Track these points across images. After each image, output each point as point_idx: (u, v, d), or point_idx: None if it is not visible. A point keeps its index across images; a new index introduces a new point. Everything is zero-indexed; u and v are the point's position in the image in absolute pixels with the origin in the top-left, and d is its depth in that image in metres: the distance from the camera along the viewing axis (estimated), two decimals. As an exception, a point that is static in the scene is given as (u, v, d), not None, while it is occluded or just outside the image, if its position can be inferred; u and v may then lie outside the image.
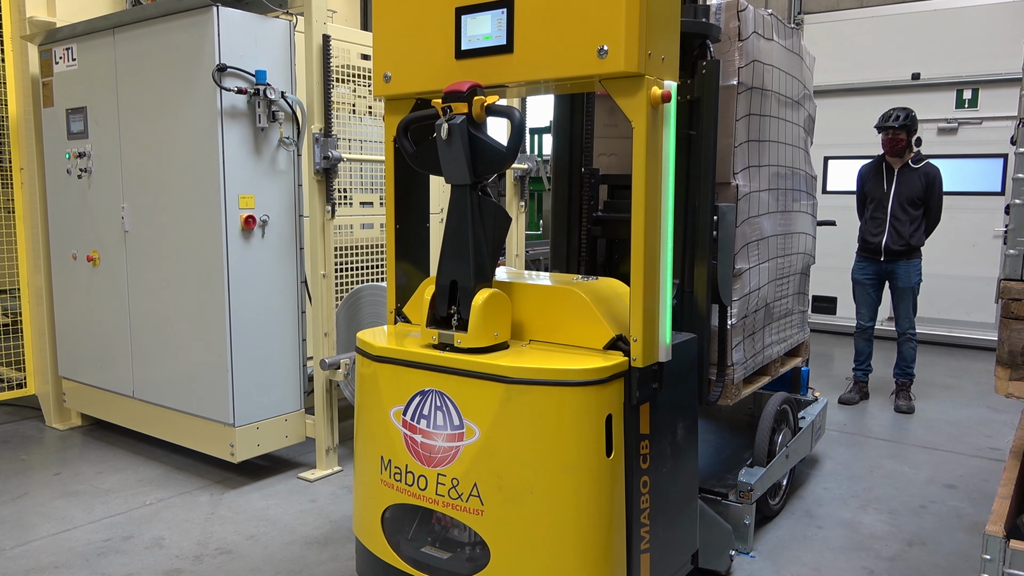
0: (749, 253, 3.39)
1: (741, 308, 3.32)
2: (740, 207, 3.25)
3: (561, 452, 2.21)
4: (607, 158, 3.54)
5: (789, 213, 3.88)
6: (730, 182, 3.22)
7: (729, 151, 3.20)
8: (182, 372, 4.18)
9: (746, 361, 3.42)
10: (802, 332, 4.23)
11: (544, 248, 8.01)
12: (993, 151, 7.42)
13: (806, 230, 4.19)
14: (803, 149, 4.10)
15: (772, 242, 3.66)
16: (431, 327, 2.43)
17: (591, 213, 3.34)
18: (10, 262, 5.07)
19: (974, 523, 3.68)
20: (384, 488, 2.46)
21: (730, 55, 3.17)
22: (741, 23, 3.17)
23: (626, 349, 2.32)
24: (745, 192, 3.30)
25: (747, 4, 3.22)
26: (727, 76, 3.15)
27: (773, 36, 3.52)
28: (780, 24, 3.61)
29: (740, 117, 3.23)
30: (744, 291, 3.33)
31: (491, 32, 2.32)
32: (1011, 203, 2.27)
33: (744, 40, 3.19)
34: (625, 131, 3.39)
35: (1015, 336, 2.25)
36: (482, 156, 2.31)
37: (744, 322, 3.37)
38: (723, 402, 3.29)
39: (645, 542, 2.44)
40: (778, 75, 3.61)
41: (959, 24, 7.53)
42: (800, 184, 4.05)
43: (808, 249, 4.25)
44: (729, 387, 3.27)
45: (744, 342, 3.40)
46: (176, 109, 3.98)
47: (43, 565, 3.24)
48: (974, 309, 7.59)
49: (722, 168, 3.14)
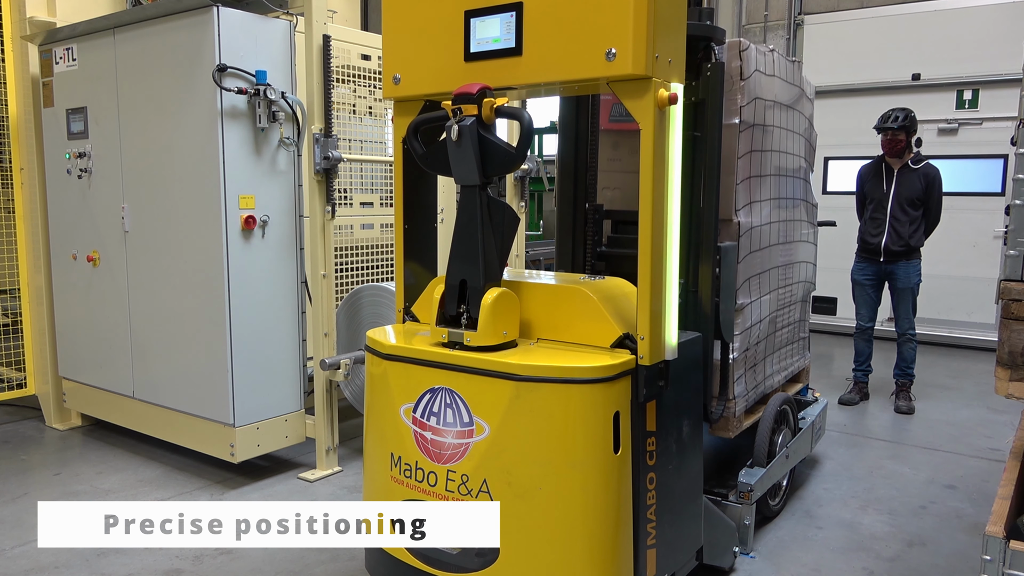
0: (751, 287, 3.40)
1: (743, 342, 3.33)
2: (742, 243, 3.26)
3: (569, 448, 2.23)
4: (611, 192, 3.53)
5: (790, 243, 3.89)
6: (732, 219, 3.23)
7: (731, 188, 3.21)
8: (182, 372, 4.18)
9: (747, 393, 3.45)
10: (803, 359, 4.25)
11: (544, 248, 8.02)
12: (993, 152, 7.44)
13: (807, 258, 4.21)
14: (803, 179, 4.12)
15: (773, 274, 3.68)
16: (441, 325, 2.45)
17: (595, 248, 3.32)
18: (10, 262, 5.06)
19: (974, 524, 3.70)
20: (394, 484, 2.48)
21: (732, 94, 3.18)
22: (743, 63, 3.19)
23: (633, 347, 2.34)
24: (747, 228, 3.32)
25: (749, 44, 3.24)
26: (729, 115, 3.16)
27: (775, 72, 3.54)
28: (781, 59, 3.63)
29: (742, 155, 3.25)
30: (746, 325, 3.35)
31: (500, 35, 2.34)
32: (1011, 204, 2.28)
33: (746, 79, 3.21)
34: (629, 165, 3.44)
35: (1015, 337, 2.26)
36: (492, 157, 2.33)
37: (746, 355, 3.39)
38: (724, 434, 3.30)
39: (651, 538, 2.46)
40: (779, 109, 3.63)
41: (959, 24, 7.55)
42: (801, 214, 4.06)
43: (809, 277, 4.27)
44: (731, 420, 3.29)
45: (746, 374, 3.42)
46: (176, 109, 3.98)
47: (43, 565, 3.24)
48: (974, 310, 7.61)
49: (725, 205, 3.15)
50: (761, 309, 3.53)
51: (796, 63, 3.89)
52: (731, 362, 3.22)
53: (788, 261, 3.88)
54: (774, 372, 3.82)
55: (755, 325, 3.46)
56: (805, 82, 4.03)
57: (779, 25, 8.57)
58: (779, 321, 3.82)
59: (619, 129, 3.47)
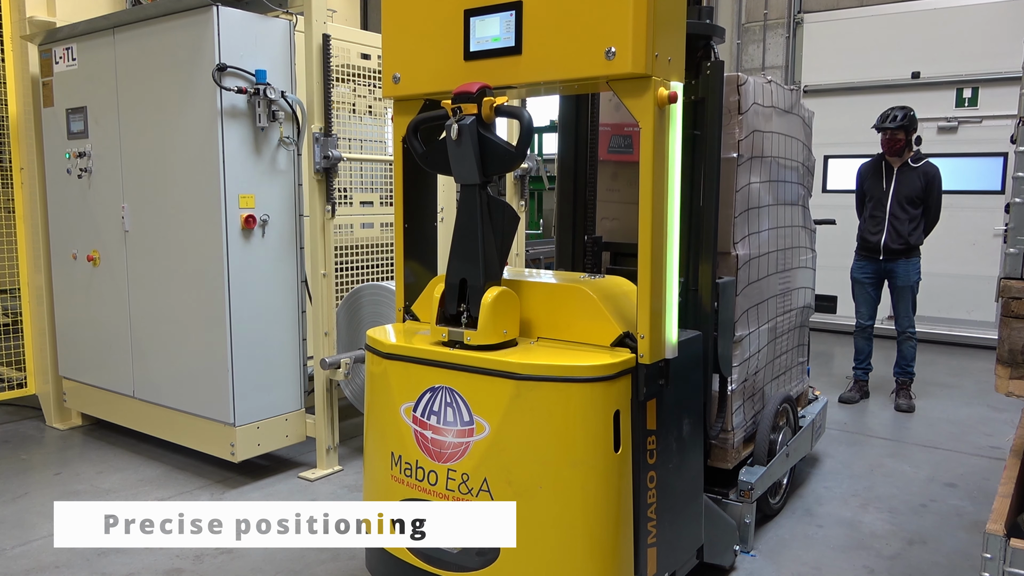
0: (749, 318, 3.40)
1: (741, 373, 3.33)
2: (740, 276, 3.26)
3: (570, 447, 2.24)
4: (610, 222, 3.52)
5: (789, 271, 3.88)
6: (731, 251, 3.23)
7: (729, 221, 3.21)
8: (182, 372, 4.18)
9: (746, 423, 3.45)
10: (801, 383, 4.25)
11: (544, 247, 8.01)
12: (993, 150, 7.44)
13: (806, 284, 4.20)
14: (802, 206, 4.11)
15: (772, 303, 3.67)
16: (441, 324, 2.45)
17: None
18: (10, 262, 5.06)
19: (974, 522, 3.70)
20: (394, 483, 2.48)
21: (730, 128, 3.18)
22: (741, 97, 3.19)
23: (633, 346, 2.34)
24: (745, 260, 3.32)
25: (747, 78, 3.23)
26: (727, 149, 3.16)
27: (773, 103, 3.53)
28: (780, 88, 3.62)
29: (740, 188, 3.25)
30: (744, 356, 3.35)
31: (500, 34, 2.34)
32: (1011, 202, 2.28)
33: (744, 113, 3.21)
34: (628, 196, 3.43)
35: (1015, 335, 2.26)
36: (492, 156, 2.33)
37: (744, 385, 3.39)
38: (723, 465, 3.30)
39: (652, 536, 2.46)
40: (778, 139, 3.62)
41: (959, 23, 7.54)
42: (799, 240, 4.05)
43: (808, 301, 4.26)
44: (729, 451, 3.29)
45: (744, 404, 3.42)
46: (176, 109, 3.98)
47: (44, 565, 3.24)
48: (974, 308, 7.61)
49: (723, 238, 3.15)
50: (760, 339, 3.54)
51: (794, 91, 3.88)
52: (729, 393, 3.23)
53: (787, 288, 3.87)
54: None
55: (753, 356, 3.47)
56: (803, 108, 4.03)
57: (779, 23, 8.56)
58: (778, 348, 3.83)
59: (618, 160, 3.46)
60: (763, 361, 3.62)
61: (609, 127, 3.42)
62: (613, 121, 3.42)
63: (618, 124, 3.41)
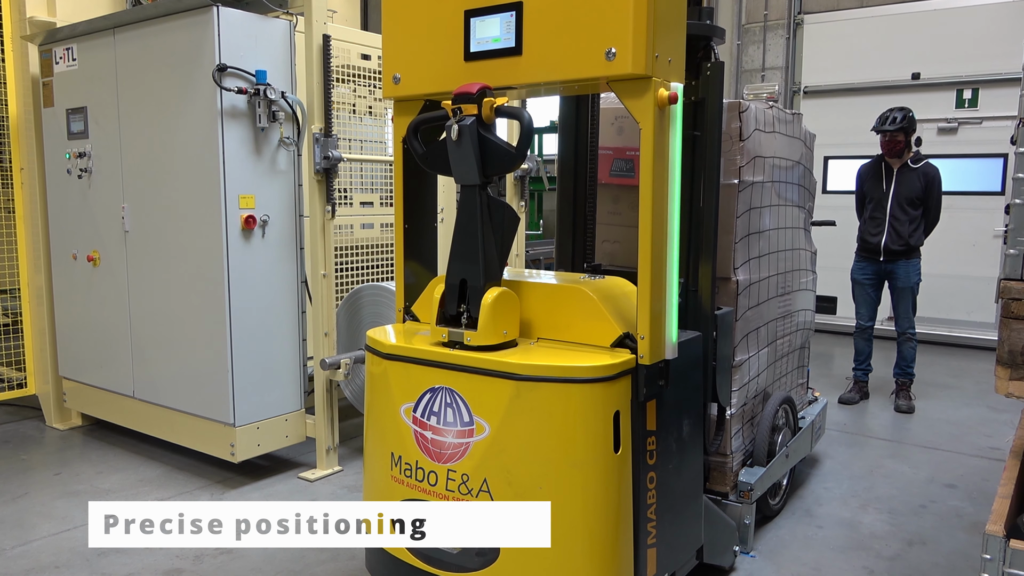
0: (748, 342, 3.39)
1: (740, 397, 3.32)
2: (740, 301, 3.26)
3: (570, 448, 2.24)
4: (611, 245, 3.51)
5: (789, 294, 3.88)
6: (731, 277, 3.23)
7: (730, 247, 3.20)
8: (182, 372, 4.18)
9: (745, 446, 3.45)
10: (800, 403, 4.25)
11: (544, 247, 8.00)
12: (993, 151, 7.44)
13: (806, 306, 4.19)
14: (803, 228, 4.11)
15: (771, 326, 3.67)
16: (441, 325, 2.45)
17: None
18: (10, 262, 5.06)
19: (974, 523, 3.70)
20: (394, 484, 2.48)
21: (731, 155, 3.16)
22: (743, 123, 3.18)
23: (633, 347, 2.34)
24: (746, 285, 3.31)
25: (748, 104, 3.22)
26: (728, 175, 3.15)
27: (775, 128, 3.52)
28: (781, 113, 3.62)
29: (740, 214, 3.24)
30: (743, 380, 3.34)
31: (500, 34, 2.34)
32: (1011, 203, 2.28)
33: (745, 139, 3.20)
34: (629, 219, 3.41)
35: (1015, 336, 2.26)
36: (492, 157, 2.33)
37: (743, 409, 3.39)
38: (721, 488, 3.29)
39: (652, 537, 2.46)
40: (778, 163, 3.61)
41: (959, 24, 7.55)
42: (800, 263, 4.05)
43: (808, 323, 4.25)
44: (728, 475, 3.29)
45: (743, 428, 3.42)
46: (176, 109, 3.98)
47: (44, 565, 3.24)
48: (974, 309, 7.61)
49: (723, 264, 3.14)
50: (759, 362, 3.53)
51: (796, 115, 3.87)
52: (728, 418, 3.23)
53: (787, 311, 3.86)
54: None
55: (752, 380, 3.46)
56: (804, 132, 4.02)
57: (779, 24, 8.56)
58: (778, 370, 3.83)
59: (619, 183, 3.45)
60: (763, 384, 3.61)
61: (611, 150, 3.40)
62: (615, 145, 3.40)
63: (620, 148, 3.39)
